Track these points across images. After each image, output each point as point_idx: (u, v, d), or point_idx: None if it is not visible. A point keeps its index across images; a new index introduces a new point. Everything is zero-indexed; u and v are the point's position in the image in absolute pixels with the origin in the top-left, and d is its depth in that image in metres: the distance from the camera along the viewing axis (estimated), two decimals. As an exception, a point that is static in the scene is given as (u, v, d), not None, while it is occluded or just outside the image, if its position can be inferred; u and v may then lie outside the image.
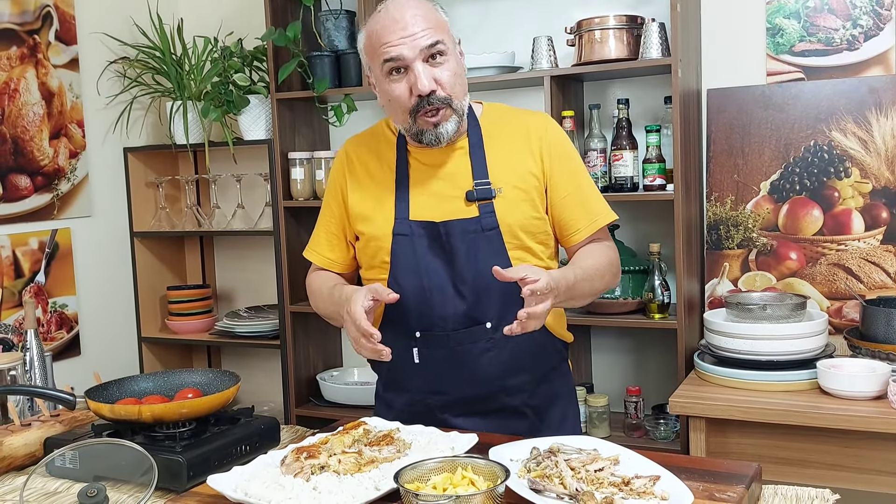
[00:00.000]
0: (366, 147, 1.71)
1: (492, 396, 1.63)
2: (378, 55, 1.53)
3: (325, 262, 1.75)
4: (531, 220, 1.60)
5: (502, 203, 1.58)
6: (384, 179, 1.65)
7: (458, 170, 1.61)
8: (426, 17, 1.52)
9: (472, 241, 1.57)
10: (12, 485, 1.49)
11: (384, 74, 1.54)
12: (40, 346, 1.91)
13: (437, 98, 1.52)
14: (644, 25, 2.37)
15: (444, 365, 1.60)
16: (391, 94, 1.54)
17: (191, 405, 1.49)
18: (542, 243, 1.63)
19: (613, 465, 1.30)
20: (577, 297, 1.57)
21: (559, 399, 1.72)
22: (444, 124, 1.54)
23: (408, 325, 1.60)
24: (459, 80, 1.56)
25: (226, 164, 3.11)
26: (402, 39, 1.50)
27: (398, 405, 1.70)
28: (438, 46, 1.51)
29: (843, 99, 2.36)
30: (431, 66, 1.52)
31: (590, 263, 1.61)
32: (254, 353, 3.20)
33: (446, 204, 1.59)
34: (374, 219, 1.63)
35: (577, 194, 1.64)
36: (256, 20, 2.98)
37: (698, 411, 2.07)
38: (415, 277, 1.58)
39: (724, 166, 2.48)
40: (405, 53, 1.50)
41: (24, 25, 2.68)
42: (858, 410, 1.93)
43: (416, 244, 1.59)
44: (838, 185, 2.37)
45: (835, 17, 2.38)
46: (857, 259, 2.35)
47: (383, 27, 1.52)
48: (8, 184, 2.63)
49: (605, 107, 2.61)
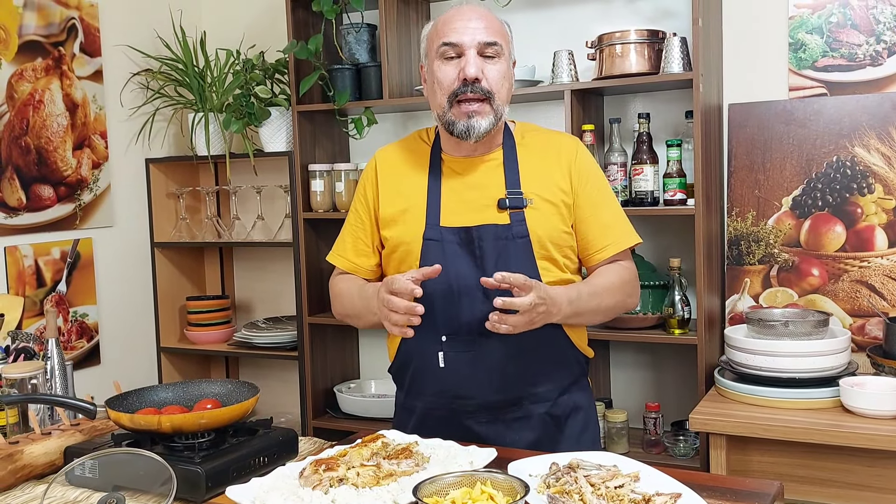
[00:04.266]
0: (398, 156, 1.75)
1: (515, 403, 1.64)
2: (438, 38, 1.61)
3: (350, 267, 1.76)
4: (560, 232, 1.64)
5: (533, 213, 1.62)
6: (415, 186, 1.68)
7: (490, 181, 1.65)
8: (492, 22, 1.62)
9: (503, 246, 1.60)
10: (32, 493, 1.49)
11: (437, 57, 1.61)
12: (61, 355, 1.92)
13: (479, 88, 1.58)
14: (665, 40, 2.36)
15: (469, 370, 1.61)
16: (438, 76, 1.60)
17: (210, 416, 1.49)
18: (566, 257, 1.66)
19: (634, 481, 1.29)
20: (583, 313, 1.61)
21: (580, 411, 1.72)
22: (478, 118, 1.58)
23: (435, 329, 1.60)
24: (506, 84, 1.63)
25: (246, 176, 3.13)
26: (463, 28, 1.59)
27: (420, 410, 1.70)
28: (495, 47, 1.60)
29: (866, 114, 2.34)
30: (484, 60, 1.59)
31: (599, 281, 1.64)
32: (271, 364, 3.20)
33: (478, 211, 1.63)
34: (403, 224, 1.66)
35: (602, 216, 1.67)
36: (278, 33, 3.01)
37: (719, 428, 2.04)
38: (443, 281, 1.58)
39: (746, 181, 2.47)
40: (463, 39, 1.58)
41: (49, 37, 2.72)
42: (881, 429, 1.90)
43: (446, 249, 1.61)
44: (861, 202, 2.35)
45: (858, 33, 2.37)
46: (881, 276, 2.32)
47: (450, 16, 1.62)
48: (31, 193, 2.66)
49: (625, 121, 2.61)
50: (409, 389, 1.73)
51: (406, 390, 1.74)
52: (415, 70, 2.81)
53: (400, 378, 1.75)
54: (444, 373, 1.62)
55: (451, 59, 1.59)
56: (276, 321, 3.11)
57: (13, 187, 2.61)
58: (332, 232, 2.98)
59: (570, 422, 1.69)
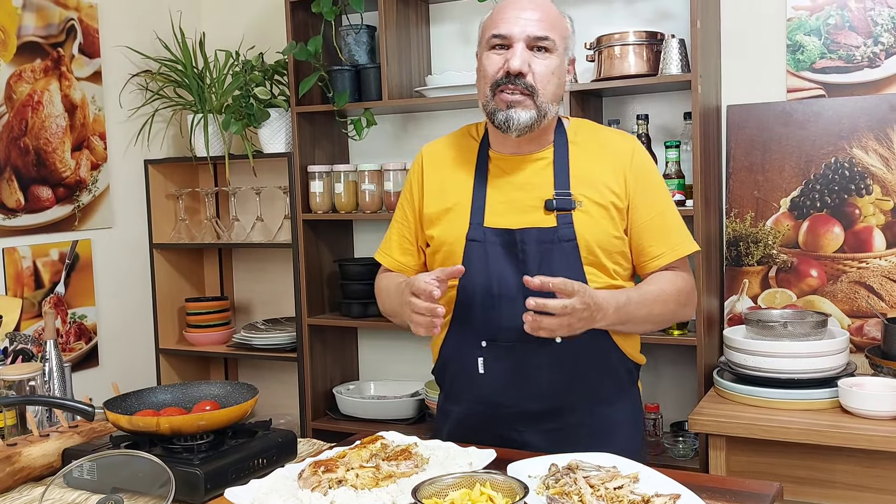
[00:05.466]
0: (444, 151, 1.70)
1: (554, 412, 1.59)
2: (490, 28, 1.57)
3: (395, 266, 1.74)
4: (609, 237, 1.57)
5: (582, 216, 1.56)
6: (461, 184, 1.63)
7: (538, 180, 1.59)
8: (549, 15, 1.56)
9: (546, 250, 1.54)
10: (30, 495, 1.49)
11: (488, 47, 1.57)
12: (59, 356, 1.92)
13: (523, 82, 1.52)
14: (664, 41, 2.37)
15: (509, 376, 1.56)
16: (484, 64, 1.57)
17: (209, 417, 1.49)
18: (617, 263, 1.59)
19: (633, 482, 1.29)
20: (631, 321, 1.53)
21: (624, 424, 1.65)
22: (517, 109, 1.53)
23: (475, 333, 1.57)
24: (554, 81, 1.56)
25: (245, 177, 3.13)
26: (515, 19, 1.53)
27: (458, 415, 1.67)
28: (546, 42, 1.54)
29: (865, 116, 2.34)
30: (533, 53, 1.54)
31: (650, 288, 1.57)
32: (271, 365, 3.20)
33: (523, 213, 1.57)
34: (447, 223, 1.62)
35: (659, 221, 1.60)
36: (278, 34, 3.01)
37: (718, 429, 2.05)
38: (485, 284, 1.55)
39: (744, 182, 2.47)
40: (513, 31, 1.53)
41: (48, 38, 2.72)
42: (880, 430, 1.90)
43: (488, 251, 1.56)
44: (859, 203, 2.35)
45: (856, 35, 2.37)
46: (879, 277, 2.33)
47: (506, 6, 1.57)
48: (30, 195, 2.66)
49: (624, 122, 2.61)
50: (447, 393, 1.70)
51: (445, 394, 1.71)
52: (414, 71, 2.81)
53: (440, 381, 1.72)
54: (484, 379, 1.58)
55: (500, 49, 1.55)
56: (276, 322, 3.10)
57: (12, 188, 2.61)
58: (331, 233, 3.00)
59: (613, 435, 1.61)
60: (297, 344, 2.88)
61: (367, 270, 2.83)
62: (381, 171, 2.76)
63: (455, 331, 1.61)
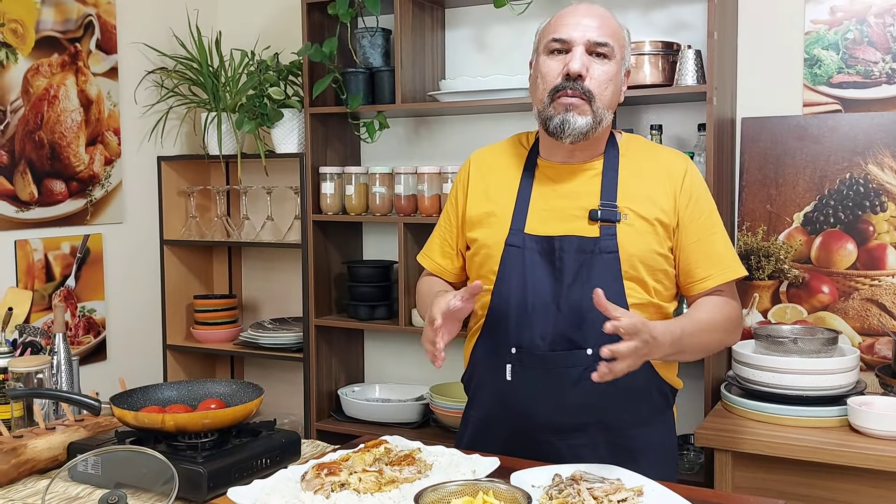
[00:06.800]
0: (493, 157, 1.70)
1: (581, 429, 1.55)
2: (549, 33, 1.57)
3: (436, 269, 1.74)
4: (653, 254, 1.54)
5: (626, 230, 1.53)
6: (506, 189, 1.62)
7: (585, 189, 1.57)
8: (608, 22, 1.56)
9: (586, 261, 1.51)
10: (34, 488, 1.49)
11: (545, 52, 1.56)
12: (68, 350, 1.92)
13: (581, 86, 1.51)
14: (680, 52, 2.36)
15: (537, 387, 1.53)
16: (542, 70, 1.56)
17: (214, 416, 1.49)
18: (658, 282, 1.56)
19: (637, 496, 1.28)
20: (686, 351, 1.49)
21: (656, 450, 1.60)
22: (574, 113, 1.51)
23: (506, 340, 1.55)
24: (612, 88, 1.55)
25: (257, 176, 3.13)
26: (575, 24, 1.54)
27: (480, 423, 1.65)
28: (605, 48, 1.53)
29: (881, 132, 2.33)
30: (592, 59, 1.53)
31: (702, 317, 1.53)
32: (276, 365, 3.20)
33: (566, 221, 1.55)
34: (489, 227, 1.61)
35: (708, 243, 1.57)
36: (293, 35, 3.01)
37: (724, 444, 2.03)
38: (519, 291, 1.53)
39: (757, 196, 2.46)
40: (573, 35, 1.53)
41: (66, 33, 2.74)
42: (889, 450, 1.88)
43: (526, 257, 1.55)
44: (873, 220, 2.33)
45: (874, 50, 2.36)
46: (891, 295, 2.31)
47: (565, 13, 1.57)
48: (43, 188, 2.67)
49: (638, 132, 2.60)
50: (472, 399, 1.69)
51: (470, 400, 1.70)
52: (428, 76, 2.81)
53: (468, 387, 1.70)
54: (511, 387, 1.55)
55: (559, 53, 1.54)
56: (283, 322, 3.11)
57: (25, 181, 2.62)
58: (341, 234, 3.00)
59: (643, 458, 1.55)
60: (303, 344, 2.88)
61: (376, 273, 2.83)
62: (393, 175, 2.76)
63: (486, 336, 1.60)
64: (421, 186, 2.68)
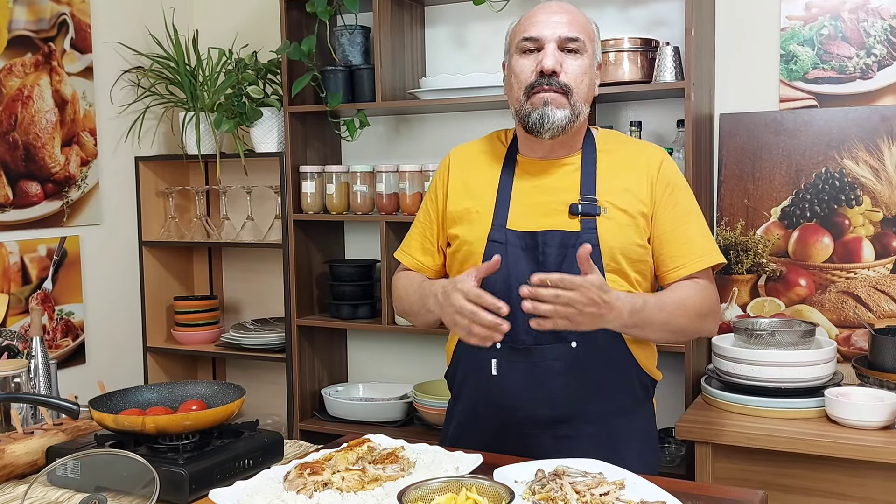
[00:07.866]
0: (472, 154, 1.71)
1: (565, 421, 1.57)
2: (519, 32, 1.59)
3: (415, 265, 1.74)
4: (633, 245, 1.56)
5: (606, 223, 1.55)
6: (486, 185, 1.64)
7: (565, 184, 1.59)
8: (577, 18, 1.58)
9: (568, 255, 1.52)
10: (13, 493, 1.48)
11: (517, 52, 1.58)
12: (45, 353, 1.91)
13: (557, 81, 1.54)
14: (658, 49, 2.37)
15: (522, 380, 1.55)
16: (515, 69, 1.58)
17: (195, 417, 1.48)
18: (639, 272, 1.58)
19: (619, 489, 1.29)
20: (647, 326, 1.48)
21: (637, 439, 1.62)
22: (552, 108, 1.53)
23: None
24: (586, 81, 1.58)
25: (236, 176, 3.12)
26: (545, 22, 1.56)
27: (465, 417, 1.66)
28: (576, 44, 1.56)
29: (856, 127, 2.35)
30: (565, 55, 1.55)
31: (670, 296, 1.54)
32: (259, 365, 3.19)
33: (547, 216, 1.57)
34: (469, 223, 1.62)
35: (683, 231, 1.58)
36: (271, 33, 3.00)
37: (705, 436, 2.05)
38: (503, 286, 1.53)
39: (735, 191, 2.48)
40: (544, 33, 1.55)
41: (39, 33, 2.70)
42: (865, 440, 1.91)
43: (509, 252, 1.55)
44: (849, 213, 2.36)
45: (849, 46, 2.38)
46: (867, 287, 2.34)
47: (534, 12, 1.59)
48: (18, 190, 2.64)
49: (617, 128, 2.61)
50: (457, 394, 1.69)
51: (455, 395, 1.70)
52: (408, 73, 2.81)
53: (452, 383, 1.71)
54: (496, 381, 1.57)
55: (531, 52, 1.56)
56: (265, 322, 3.09)
57: (0, 183, 2.59)
58: (322, 234, 2.99)
59: (626, 447, 1.58)
60: (285, 344, 2.87)
61: (358, 272, 2.82)
62: (374, 173, 2.76)
63: None
64: (402, 185, 2.68)
